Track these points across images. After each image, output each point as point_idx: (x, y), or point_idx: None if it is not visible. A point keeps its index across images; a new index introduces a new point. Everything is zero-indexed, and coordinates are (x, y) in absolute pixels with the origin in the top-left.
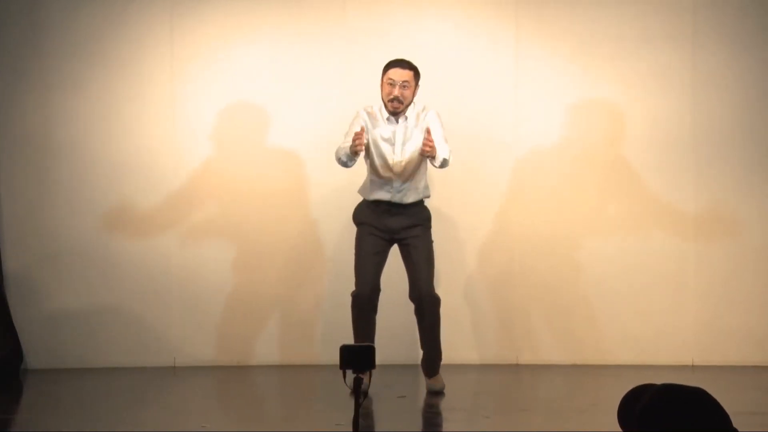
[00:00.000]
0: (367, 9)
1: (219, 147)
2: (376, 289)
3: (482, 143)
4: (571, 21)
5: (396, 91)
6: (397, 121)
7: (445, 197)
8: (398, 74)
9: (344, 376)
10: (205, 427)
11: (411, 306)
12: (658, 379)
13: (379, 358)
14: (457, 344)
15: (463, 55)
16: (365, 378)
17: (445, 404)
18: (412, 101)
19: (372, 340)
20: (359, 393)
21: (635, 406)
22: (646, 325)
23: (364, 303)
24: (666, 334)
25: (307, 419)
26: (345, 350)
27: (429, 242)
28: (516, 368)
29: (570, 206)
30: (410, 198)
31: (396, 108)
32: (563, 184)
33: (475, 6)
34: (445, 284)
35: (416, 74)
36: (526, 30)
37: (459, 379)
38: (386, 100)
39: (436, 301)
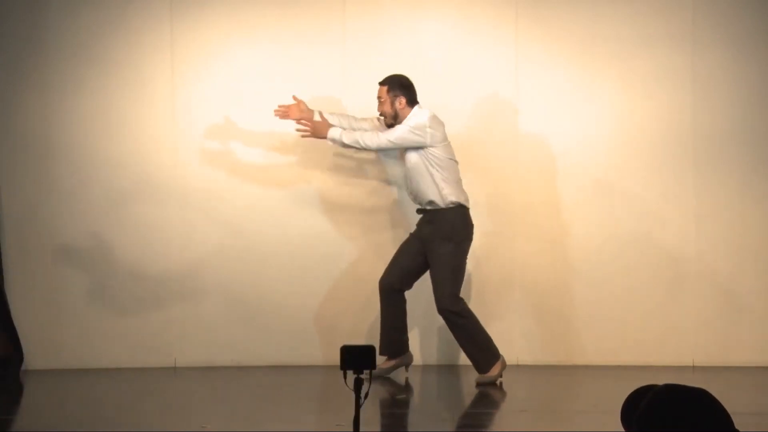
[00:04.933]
0: (366, 9)
1: (219, 147)
2: (392, 284)
3: (482, 143)
4: (570, 21)
5: (377, 108)
6: None
7: None
8: (378, 92)
9: (344, 377)
10: (205, 427)
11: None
12: (659, 380)
13: (380, 359)
14: (457, 345)
15: (463, 56)
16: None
17: (445, 405)
18: (393, 112)
19: (390, 329)
20: (359, 393)
21: (638, 406)
22: (646, 326)
23: (381, 293)
24: (667, 334)
25: (308, 419)
26: (345, 351)
27: (445, 256)
28: (516, 369)
29: (570, 206)
30: (421, 202)
31: (385, 122)
32: (563, 183)
33: (475, 6)
34: None
35: (390, 87)
36: (526, 30)
37: (459, 380)
38: None
39: (452, 315)
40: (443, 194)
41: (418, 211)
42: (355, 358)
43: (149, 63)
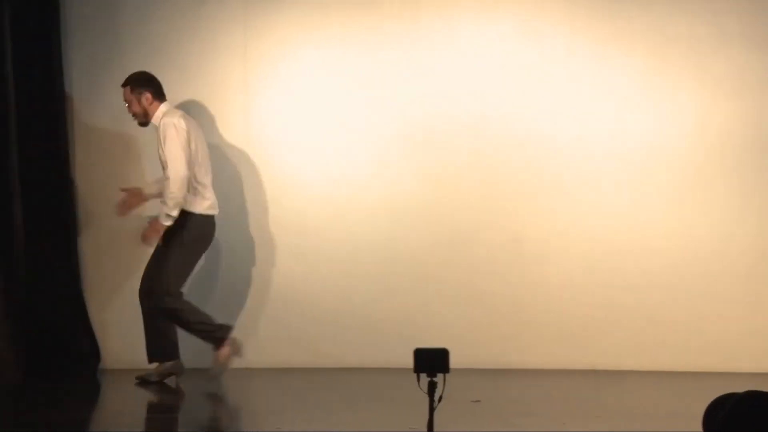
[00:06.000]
0: (440, 10)
1: (291, 148)
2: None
3: (547, 145)
4: (644, 22)
5: (128, 111)
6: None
7: (507, 203)
8: (122, 95)
9: (418, 380)
10: (279, 428)
11: (480, 305)
12: (739, 387)
13: (454, 361)
14: (524, 348)
15: (531, 56)
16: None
17: (519, 410)
18: (142, 110)
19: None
20: (433, 396)
21: (719, 414)
22: (725, 331)
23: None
24: (746, 340)
25: (381, 422)
26: (419, 354)
27: (168, 246)
28: (594, 374)
29: (647, 209)
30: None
31: (137, 122)
32: (638, 185)
33: (545, 6)
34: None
35: (132, 87)
36: (599, 30)
37: (536, 385)
38: None
39: (143, 297)
40: (196, 201)
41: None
42: (429, 361)
43: (223, 64)
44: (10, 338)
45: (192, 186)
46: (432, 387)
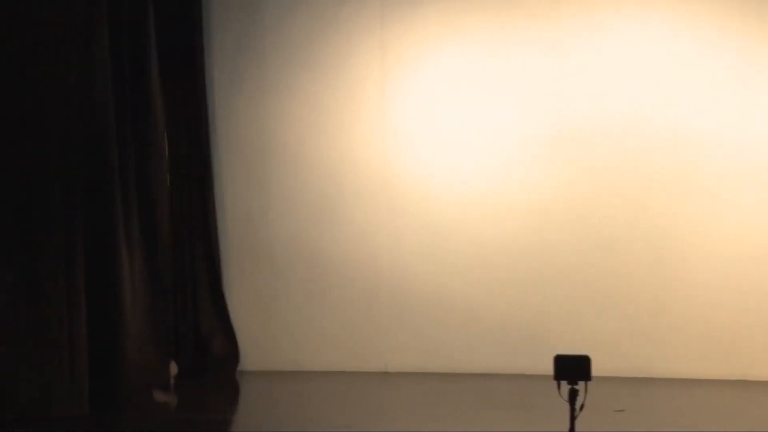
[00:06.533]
0: (582, 9)
1: (428, 150)
2: None
3: (698, 147)
4: None
5: None
6: None
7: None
8: None
9: (558, 387)
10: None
11: (624, 311)
12: None
13: (597, 370)
14: (671, 356)
15: (679, 55)
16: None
17: (665, 421)
18: None
19: None
20: (574, 404)
21: None
22: None
23: None
24: None
25: (522, 428)
26: (560, 360)
27: None
28: (745, 385)
29: None
30: None
31: None
32: None
33: (690, 4)
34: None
35: None
36: (752, 30)
37: (683, 395)
38: None
39: None
40: None
41: None
42: (570, 368)
43: (360, 66)
44: (156, 342)
45: None
46: (573, 395)
